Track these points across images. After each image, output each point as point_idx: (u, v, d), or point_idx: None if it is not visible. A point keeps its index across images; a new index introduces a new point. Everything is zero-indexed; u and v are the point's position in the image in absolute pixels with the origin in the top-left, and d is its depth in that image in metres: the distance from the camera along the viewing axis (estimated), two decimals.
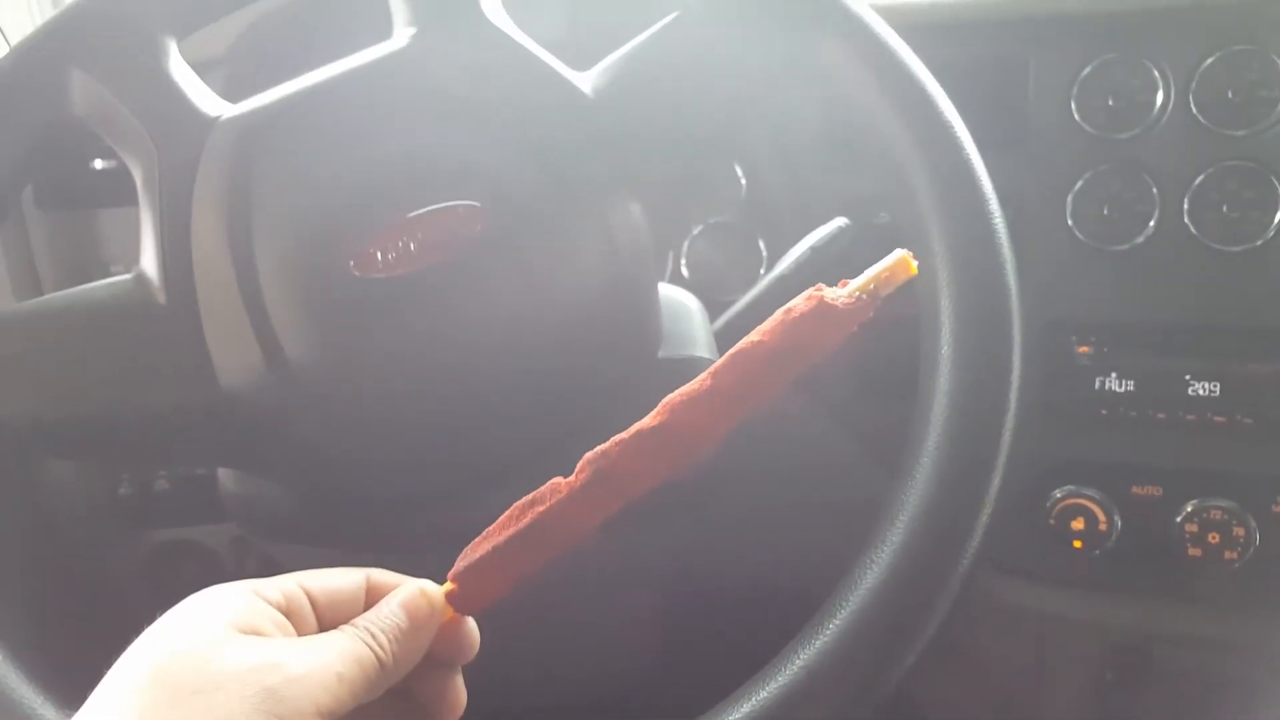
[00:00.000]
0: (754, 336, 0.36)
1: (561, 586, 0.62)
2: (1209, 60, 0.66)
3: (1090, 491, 0.70)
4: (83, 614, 0.33)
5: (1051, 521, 0.71)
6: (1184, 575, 0.69)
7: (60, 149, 0.52)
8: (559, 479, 0.36)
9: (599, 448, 0.36)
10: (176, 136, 0.47)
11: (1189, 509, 0.68)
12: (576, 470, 0.36)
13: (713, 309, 0.60)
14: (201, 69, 0.74)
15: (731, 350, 0.36)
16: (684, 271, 0.79)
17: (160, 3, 0.50)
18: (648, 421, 0.36)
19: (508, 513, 0.36)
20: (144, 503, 0.82)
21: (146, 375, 0.46)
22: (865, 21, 0.47)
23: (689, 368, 0.51)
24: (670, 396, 0.36)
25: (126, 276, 0.48)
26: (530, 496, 0.36)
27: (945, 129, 0.45)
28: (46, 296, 0.49)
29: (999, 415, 0.41)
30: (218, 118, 0.48)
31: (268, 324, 0.44)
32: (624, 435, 0.36)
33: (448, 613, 0.36)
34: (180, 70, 0.50)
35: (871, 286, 0.35)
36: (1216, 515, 0.67)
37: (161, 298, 0.46)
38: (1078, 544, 0.70)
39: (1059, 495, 0.71)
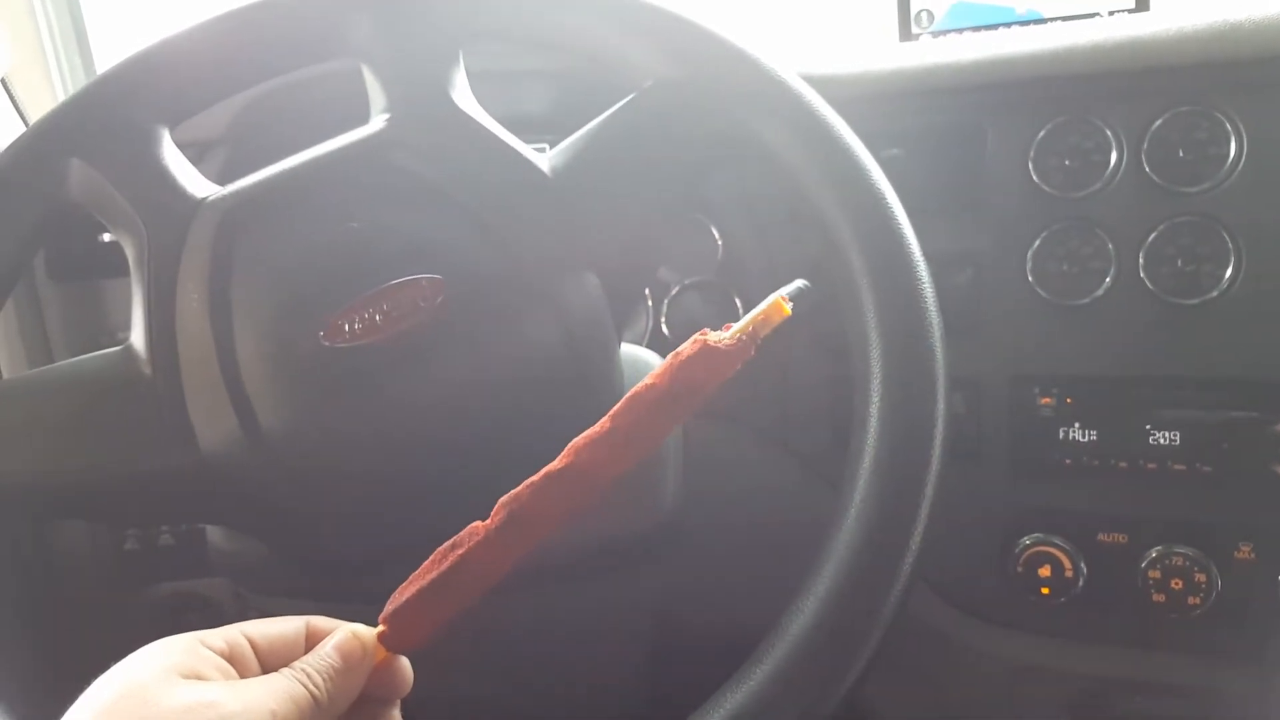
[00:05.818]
0: (648, 380, 0.38)
1: (543, 640, 0.65)
2: (1159, 121, 0.69)
3: (1057, 539, 0.72)
4: (91, 667, 0.35)
5: (1020, 568, 0.73)
6: (1149, 621, 0.70)
7: (69, 224, 0.55)
8: (477, 523, 0.39)
9: (512, 491, 0.38)
10: (165, 218, 0.51)
11: (1153, 555, 0.69)
12: (492, 513, 0.38)
13: None
14: (203, 147, 0.78)
15: (628, 394, 0.38)
16: (664, 329, 0.82)
17: (152, 95, 0.54)
18: (555, 464, 0.38)
19: (432, 557, 0.39)
20: (149, 557, 0.85)
21: (133, 441, 0.49)
22: (802, 97, 0.49)
23: None
24: (575, 440, 0.39)
25: (116, 349, 0.51)
26: (451, 541, 0.39)
27: (875, 198, 0.47)
28: (44, 368, 0.53)
29: (922, 473, 0.43)
30: (204, 200, 0.51)
31: (243, 393, 0.48)
32: (534, 478, 0.38)
33: (380, 653, 0.39)
34: (171, 155, 0.53)
35: (750, 329, 0.38)
36: (1179, 562, 0.69)
37: (147, 370, 0.49)
38: (1045, 590, 0.72)
39: (1027, 542, 0.72)
